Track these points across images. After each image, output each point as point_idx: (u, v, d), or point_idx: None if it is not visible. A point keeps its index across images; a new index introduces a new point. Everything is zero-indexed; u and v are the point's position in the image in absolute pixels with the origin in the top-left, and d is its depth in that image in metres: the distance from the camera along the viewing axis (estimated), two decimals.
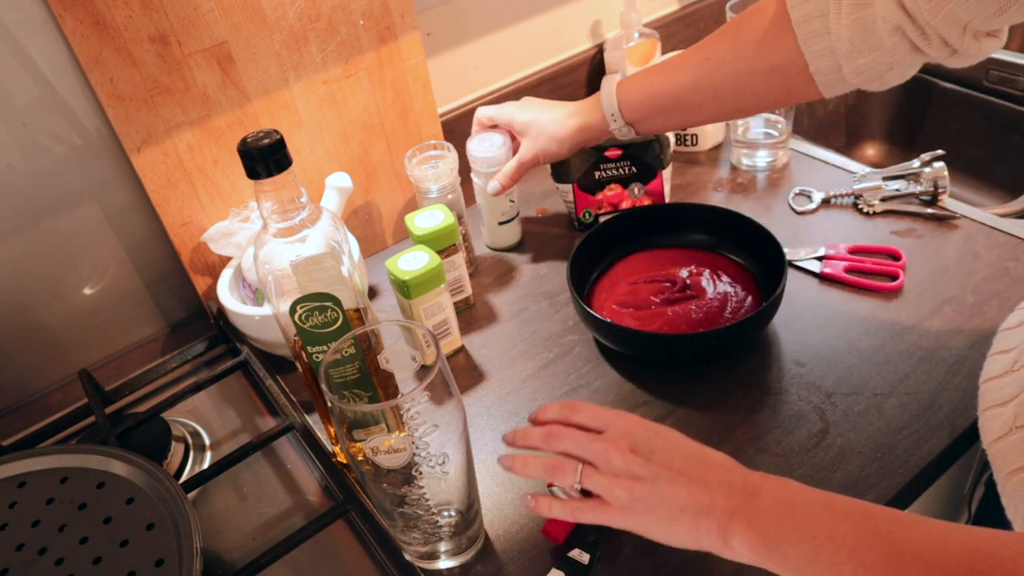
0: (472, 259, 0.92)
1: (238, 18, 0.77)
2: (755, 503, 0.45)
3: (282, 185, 0.54)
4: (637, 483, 0.49)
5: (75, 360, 0.86)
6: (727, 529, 0.46)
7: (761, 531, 0.44)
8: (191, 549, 0.54)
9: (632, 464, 0.49)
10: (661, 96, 0.74)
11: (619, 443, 0.51)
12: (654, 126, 0.78)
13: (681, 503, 0.47)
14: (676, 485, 0.48)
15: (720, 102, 0.71)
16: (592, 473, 0.51)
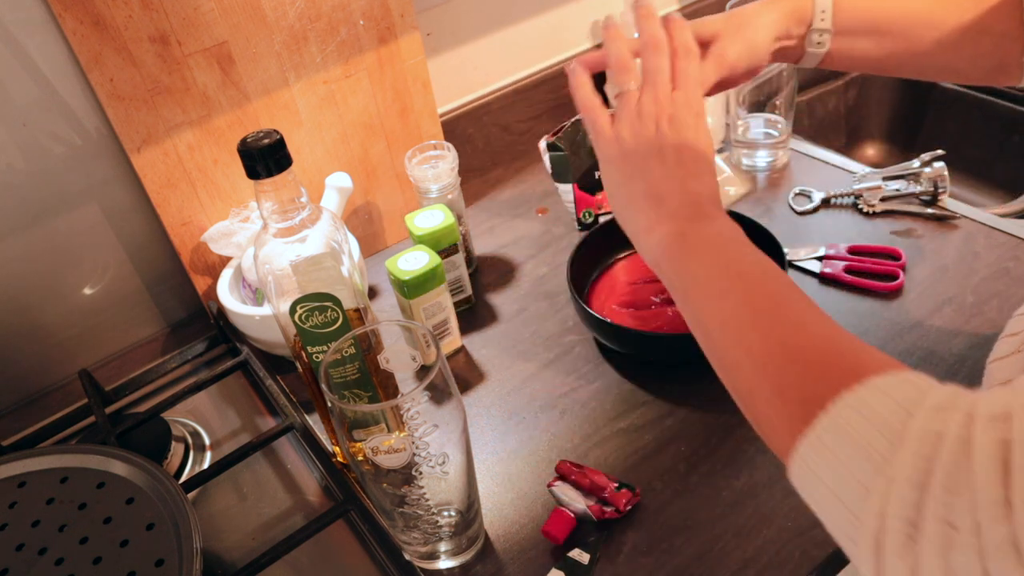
0: (472, 259, 0.92)
1: (238, 18, 0.77)
2: (699, 223, 0.50)
3: (282, 185, 0.54)
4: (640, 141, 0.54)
5: (75, 360, 0.86)
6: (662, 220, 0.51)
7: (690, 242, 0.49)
8: (191, 549, 0.54)
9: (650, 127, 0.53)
10: (883, 14, 0.64)
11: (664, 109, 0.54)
12: (853, 49, 0.65)
13: (650, 184, 0.53)
14: (661, 168, 0.52)
15: (937, 48, 0.63)
16: (630, 99, 0.55)
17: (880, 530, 0.33)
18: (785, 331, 0.43)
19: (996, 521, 0.29)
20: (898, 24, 0.64)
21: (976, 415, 0.32)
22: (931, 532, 0.31)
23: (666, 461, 0.66)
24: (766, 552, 0.59)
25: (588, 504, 0.61)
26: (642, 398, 0.73)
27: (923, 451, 0.32)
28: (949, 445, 0.31)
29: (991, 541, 0.29)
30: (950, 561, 0.30)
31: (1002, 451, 0.30)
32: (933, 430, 0.32)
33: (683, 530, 0.61)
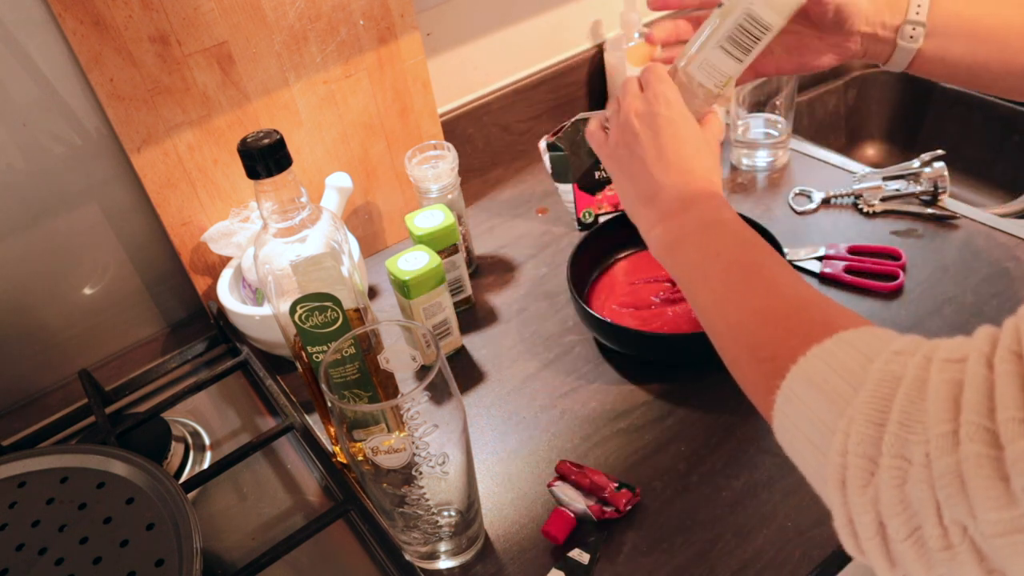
0: (472, 259, 0.92)
1: (238, 18, 0.77)
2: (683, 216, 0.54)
3: (282, 185, 0.54)
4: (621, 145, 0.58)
5: (75, 360, 0.86)
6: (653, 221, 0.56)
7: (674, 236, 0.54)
8: (191, 549, 0.54)
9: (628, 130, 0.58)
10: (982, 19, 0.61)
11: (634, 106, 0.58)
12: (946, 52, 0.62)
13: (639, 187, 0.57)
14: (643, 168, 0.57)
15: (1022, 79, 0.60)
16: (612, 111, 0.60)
17: (843, 466, 0.34)
18: (758, 298, 0.46)
19: (944, 453, 0.30)
20: (998, 32, 0.61)
21: (934, 358, 0.33)
22: (888, 466, 0.32)
23: (666, 461, 0.67)
24: (766, 552, 0.59)
25: (588, 504, 0.61)
26: (642, 398, 0.73)
27: (881, 391, 0.34)
28: (906, 385, 0.33)
29: (939, 471, 0.30)
30: (905, 492, 0.32)
31: (954, 390, 0.31)
32: (892, 372, 0.34)
33: (683, 530, 0.61)
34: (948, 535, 0.31)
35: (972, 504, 0.30)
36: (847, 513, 0.35)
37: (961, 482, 0.30)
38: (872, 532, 0.34)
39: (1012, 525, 0.29)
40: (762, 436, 0.67)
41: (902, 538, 0.33)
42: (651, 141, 0.57)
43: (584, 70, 1.12)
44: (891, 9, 0.62)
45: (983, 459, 0.29)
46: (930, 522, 0.31)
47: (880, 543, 0.34)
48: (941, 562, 0.32)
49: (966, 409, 0.30)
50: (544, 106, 1.10)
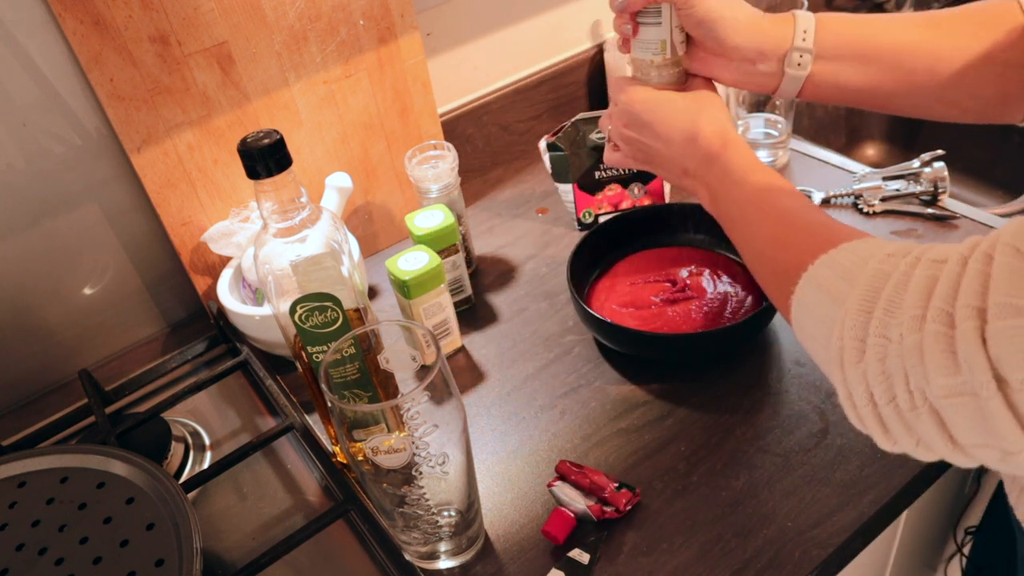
0: (472, 259, 0.92)
1: (238, 18, 0.77)
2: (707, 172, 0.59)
3: (282, 185, 0.54)
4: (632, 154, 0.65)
5: (75, 360, 0.86)
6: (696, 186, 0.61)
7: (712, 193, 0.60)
8: (191, 549, 0.54)
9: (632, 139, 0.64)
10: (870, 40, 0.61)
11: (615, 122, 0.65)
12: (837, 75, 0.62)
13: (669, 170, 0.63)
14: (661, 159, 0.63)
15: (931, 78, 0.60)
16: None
17: (840, 348, 0.41)
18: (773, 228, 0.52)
19: (912, 331, 0.37)
20: (888, 51, 0.61)
21: (922, 258, 0.39)
22: (873, 344, 0.39)
23: (666, 461, 0.67)
24: (766, 552, 0.59)
25: (588, 504, 0.61)
26: (642, 398, 0.73)
27: (873, 285, 0.40)
28: (894, 280, 0.39)
29: (907, 346, 0.37)
30: (885, 365, 0.38)
31: (930, 284, 0.37)
32: (883, 270, 0.40)
33: (683, 530, 0.61)
34: (913, 398, 0.37)
35: (928, 371, 0.36)
36: (846, 387, 0.41)
37: (921, 354, 0.36)
38: (864, 400, 0.40)
39: (955, 389, 0.35)
40: (762, 436, 0.67)
41: (885, 403, 0.39)
42: (651, 137, 0.62)
43: (584, 70, 1.12)
44: (774, 39, 0.61)
45: (940, 336, 0.35)
46: (901, 388, 0.38)
47: (872, 409, 0.40)
48: (913, 422, 0.38)
49: (935, 297, 0.36)
50: (544, 106, 1.10)
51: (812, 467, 0.64)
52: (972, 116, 0.62)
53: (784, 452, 0.66)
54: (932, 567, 1.03)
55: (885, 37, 0.61)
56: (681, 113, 0.61)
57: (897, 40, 0.61)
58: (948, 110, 0.62)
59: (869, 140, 1.33)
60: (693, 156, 0.60)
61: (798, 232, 0.50)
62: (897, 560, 0.85)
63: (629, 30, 0.62)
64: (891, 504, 0.61)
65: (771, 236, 0.52)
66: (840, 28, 0.62)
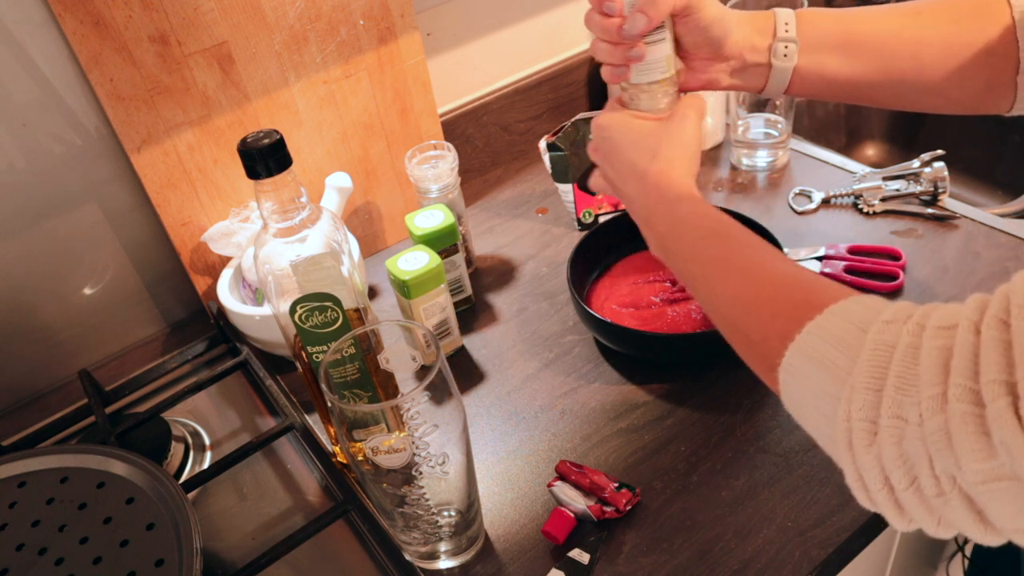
0: (472, 259, 0.92)
1: (238, 18, 0.77)
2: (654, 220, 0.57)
3: (282, 185, 0.54)
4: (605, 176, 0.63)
5: (75, 360, 0.86)
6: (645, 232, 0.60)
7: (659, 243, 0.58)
8: (191, 549, 0.54)
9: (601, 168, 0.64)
10: (852, 29, 0.61)
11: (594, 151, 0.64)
12: (823, 66, 0.62)
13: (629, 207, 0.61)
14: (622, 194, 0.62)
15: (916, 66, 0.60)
16: None
17: (849, 430, 0.38)
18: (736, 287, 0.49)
19: (934, 412, 0.34)
20: (869, 40, 0.61)
21: (927, 325, 0.36)
22: (887, 426, 0.36)
23: (666, 461, 0.67)
24: (766, 552, 0.59)
25: (588, 504, 0.61)
26: (642, 398, 0.73)
27: (877, 360, 0.37)
28: (900, 352, 0.36)
29: (930, 428, 0.34)
30: (903, 449, 0.36)
31: (944, 356, 0.34)
32: (885, 341, 0.37)
33: (683, 530, 0.61)
34: (940, 484, 0.35)
35: (958, 456, 0.33)
36: (856, 470, 0.38)
37: (949, 437, 0.33)
38: (879, 485, 0.37)
39: (992, 474, 0.32)
40: (762, 436, 0.67)
41: (903, 488, 0.36)
42: (609, 168, 0.62)
43: (584, 70, 1.12)
44: (760, 32, 0.62)
45: (968, 416, 0.32)
46: (925, 473, 0.35)
47: (888, 494, 0.37)
48: (938, 507, 0.36)
49: (954, 372, 0.33)
50: (544, 106, 1.10)
51: (812, 467, 0.64)
52: (959, 107, 0.62)
53: (784, 452, 0.66)
54: (933, 566, 1.03)
55: (866, 27, 0.61)
56: (640, 142, 0.59)
57: (879, 29, 0.61)
58: (935, 100, 0.62)
59: (869, 140, 1.33)
60: (637, 197, 0.58)
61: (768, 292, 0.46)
62: (897, 560, 0.85)
63: (639, 53, 0.59)
64: None
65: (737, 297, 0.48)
66: (820, 21, 0.62)
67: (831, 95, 0.66)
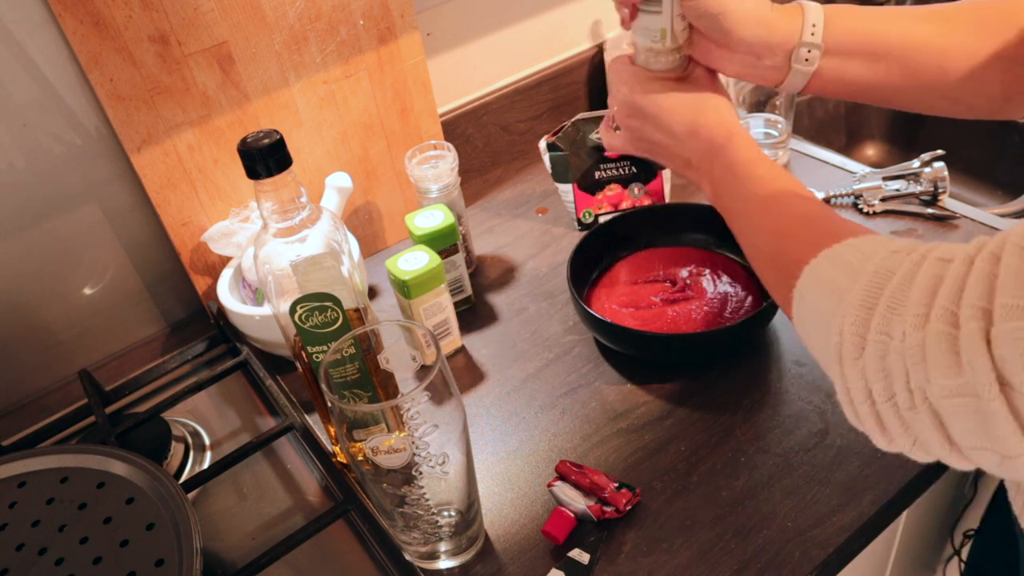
0: (472, 259, 0.92)
1: (238, 18, 0.77)
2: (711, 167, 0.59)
3: (282, 185, 0.54)
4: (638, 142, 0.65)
5: (75, 360, 0.86)
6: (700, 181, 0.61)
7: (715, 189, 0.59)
8: (191, 549, 0.54)
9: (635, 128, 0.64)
10: (880, 36, 0.60)
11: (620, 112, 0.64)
12: (844, 71, 0.62)
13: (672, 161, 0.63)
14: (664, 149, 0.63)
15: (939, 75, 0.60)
16: None
17: (840, 344, 0.40)
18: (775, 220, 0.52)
19: (915, 329, 0.36)
20: (897, 48, 0.60)
21: (928, 256, 0.38)
22: (873, 340, 0.38)
23: (666, 461, 0.67)
24: (766, 552, 0.59)
25: (588, 504, 0.61)
26: (642, 398, 0.73)
27: (876, 281, 0.39)
28: (898, 277, 0.38)
29: (909, 344, 0.36)
30: (886, 363, 0.38)
31: (935, 282, 0.36)
32: (887, 267, 0.40)
33: (683, 530, 0.61)
34: (913, 398, 0.37)
35: (929, 371, 0.35)
36: (844, 382, 0.41)
37: (924, 353, 0.35)
38: (863, 397, 0.40)
39: (956, 390, 0.34)
40: (762, 436, 0.67)
41: (883, 400, 0.39)
42: (653, 128, 0.62)
43: (584, 70, 1.12)
44: (781, 33, 0.60)
45: (943, 336, 0.35)
46: (901, 386, 0.37)
47: (870, 407, 0.40)
48: (911, 421, 0.38)
49: (940, 296, 0.36)
50: (544, 106, 1.10)
51: (812, 467, 0.64)
52: (976, 112, 0.63)
53: (784, 452, 0.66)
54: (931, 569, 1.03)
55: (894, 33, 0.60)
56: (683, 105, 0.61)
57: (907, 36, 0.60)
58: (954, 106, 0.63)
59: (869, 140, 1.33)
60: (695, 149, 0.60)
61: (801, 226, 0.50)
62: (897, 560, 0.85)
63: (627, 13, 0.61)
64: (891, 504, 0.61)
65: (774, 229, 0.52)
66: (850, 23, 0.60)
67: (846, 96, 0.65)
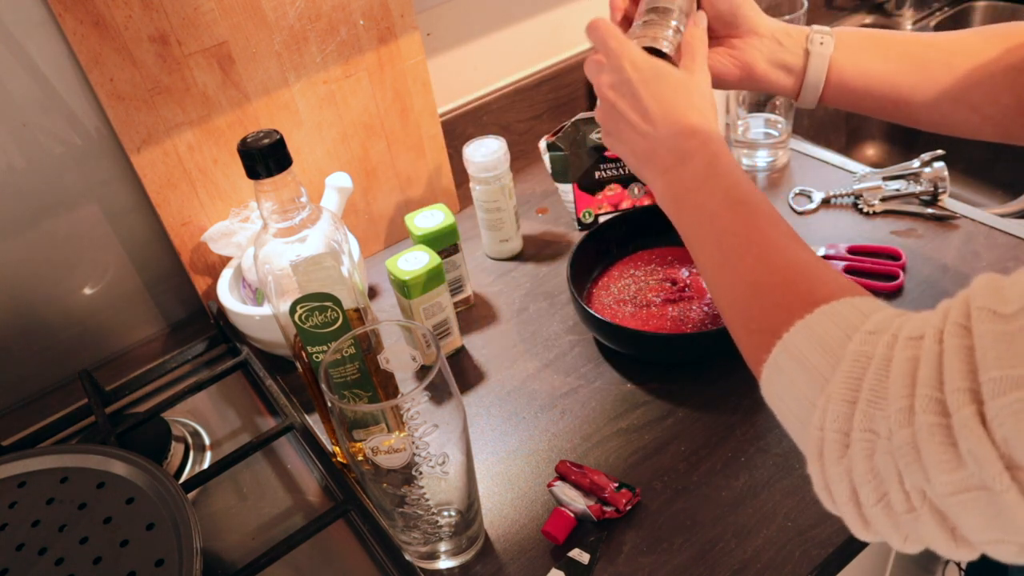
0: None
1: (238, 18, 0.77)
2: (680, 169, 0.54)
3: (282, 185, 0.54)
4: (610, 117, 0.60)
5: (75, 360, 0.86)
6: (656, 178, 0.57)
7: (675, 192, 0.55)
8: (191, 549, 0.54)
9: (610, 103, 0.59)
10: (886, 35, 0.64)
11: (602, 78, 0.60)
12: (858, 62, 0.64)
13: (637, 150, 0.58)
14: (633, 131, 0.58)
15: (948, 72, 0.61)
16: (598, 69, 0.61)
17: (821, 440, 0.38)
18: (748, 270, 0.47)
19: (902, 425, 0.33)
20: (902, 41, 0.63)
21: (899, 336, 0.36)
22: (858, 439, 0.36)
23: (666, 461, 0.67)
24: (766, 552, 0.59)
25: (588, 504, 0.61)
26: (642, 398, 0.73)
27: (854, 371, 0.36)
28: (875, 364, 0.36)
29: (898, 442, 0.33)
30: (874, 463, 0.35)
31: (912, 367, 0.34)
32: (864, 352, 0.37)
33: (683, 530, 0.61)
34: (910, 499, 0.34)
35: (927, 469, 0.32)
36: (824, 480, 0.38)
37: (917, 450, 0.33)
38: (846, 498, 0.37)
39: (961, 485, 0.31)
40: (762, 436, 0.67)
41: (872, 503, 0.36)
42: (632, 106, 0.57)
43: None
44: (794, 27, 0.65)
45: (934, 428, 0.32)
46: (894, 488, 0.34)
47: (854, 507, 0.37)
48: (907, 523, 0.35)
49: (920, 383, 0.33)
50: (544, 106, 1.10)
51: None
52: (996, 126, 0.62)
53: (784, 452, 0.66)
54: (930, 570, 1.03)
55: (900, 35, 0.64)
56: (674, 88, 0.57)
57: (912, 36, 0.63)
58: (971, 116, 0.62)
59: (869, 140, 1.33)
60: (668, 140, 0.56)
61: (777, 281, 0.45)
62: (897, 560, 0.85)
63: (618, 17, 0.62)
64: None
65: (747, 281, 0.47)
66: (855, 29, 0.65)
67: (866, 98, 0.65)
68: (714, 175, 0.53)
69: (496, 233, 0.91)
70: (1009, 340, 0.30)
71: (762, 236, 0.48)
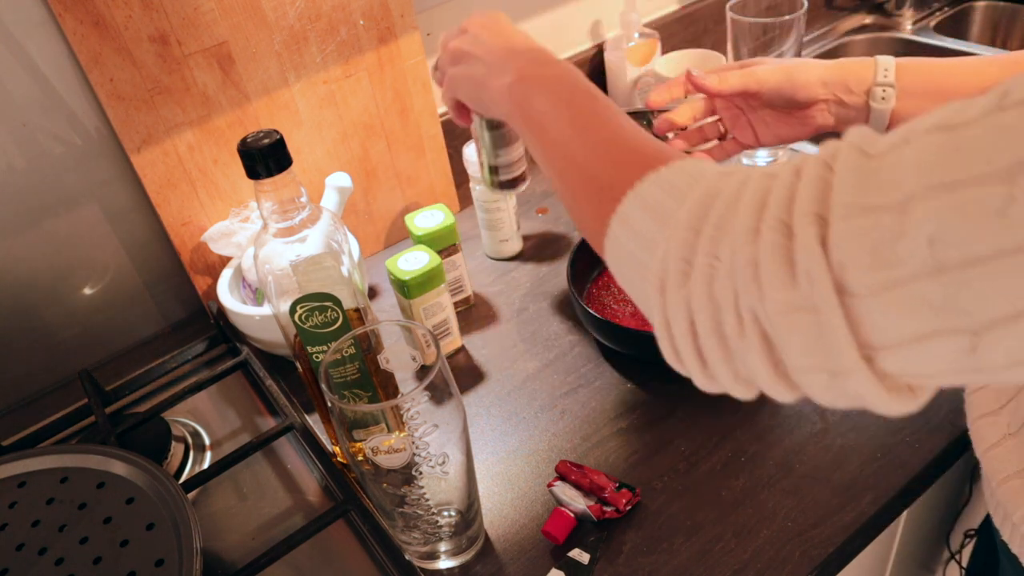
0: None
1: (238, 18, 0.77)
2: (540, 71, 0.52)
3: (282, 185, 0.54)
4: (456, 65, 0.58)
5: (75, 360, 0.86)
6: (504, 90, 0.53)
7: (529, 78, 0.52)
8: (191, 549, 0.54)
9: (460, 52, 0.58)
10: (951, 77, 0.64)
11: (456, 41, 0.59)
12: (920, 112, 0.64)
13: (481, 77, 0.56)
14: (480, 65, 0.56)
15: None
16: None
17: (663, 271, 0.37)
18: (601, 137, 0.47)
19: (746, 244, 0.33)
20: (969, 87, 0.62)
21: (753, 174, 0.36)
22: (700, 265, 0.35)
23: (666, 461, 0.67)
24: (766, 552, 0.59)
25: (588, 504, 0.61)
26: (642, 398, 0.73)
27: (703, 202, 0.36)
28: (724, 196, 0.36)
29: (740, 262, 0.33)
30: (713, 290, 0.35)
31: (762, 195, 0.34)
32: (714, 187, 0.37)
33: (683, 530, 0.61)
34: (742, 322, 0.34)
35: (762, 287, 0.32)
36: (664, 315, 0.38)
37: (756, 268, 0.33)
38: (684, 330, 0.37)
39: (792, 304, 0.32)
40: (762, 436, 0.67)
41: (708, 333, 0.36)
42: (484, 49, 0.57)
43: (584, 70, 1.12)
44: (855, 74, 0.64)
45: (776, 246, 0.32)
46: (729, 311, 0.34)
47: (691, 340, 0.37)
48: (737, 351, 0.35)
49: (770, 207, 0.33)
50: None
51: (812, 467, 0.64)
52: None
53: (784, 452, 0.66)
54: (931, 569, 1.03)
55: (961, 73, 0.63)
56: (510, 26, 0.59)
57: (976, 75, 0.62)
58: None
59: None
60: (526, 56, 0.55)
61: (630, 145, 0.45)
62: (897, 561, 0.85)
63: None
64: (891, 504, 0.61)
65: (598, 143, 0.47)
66: (920, 68, 0.64)
67: None
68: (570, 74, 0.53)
69: (496, 233, 0.91)
70: (869, 173, 0.30)
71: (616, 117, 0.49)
